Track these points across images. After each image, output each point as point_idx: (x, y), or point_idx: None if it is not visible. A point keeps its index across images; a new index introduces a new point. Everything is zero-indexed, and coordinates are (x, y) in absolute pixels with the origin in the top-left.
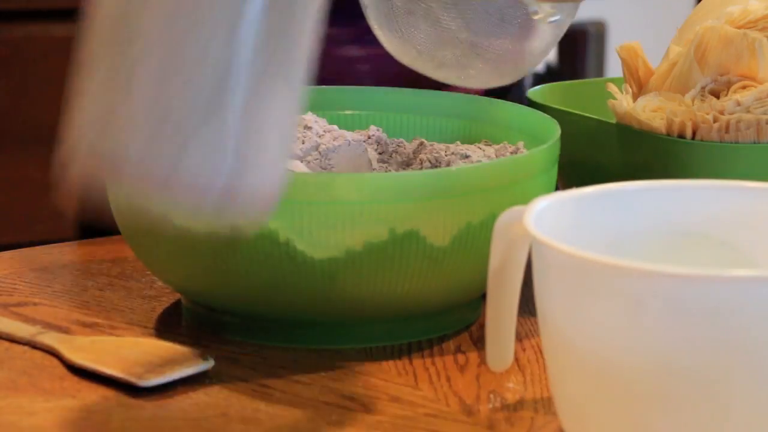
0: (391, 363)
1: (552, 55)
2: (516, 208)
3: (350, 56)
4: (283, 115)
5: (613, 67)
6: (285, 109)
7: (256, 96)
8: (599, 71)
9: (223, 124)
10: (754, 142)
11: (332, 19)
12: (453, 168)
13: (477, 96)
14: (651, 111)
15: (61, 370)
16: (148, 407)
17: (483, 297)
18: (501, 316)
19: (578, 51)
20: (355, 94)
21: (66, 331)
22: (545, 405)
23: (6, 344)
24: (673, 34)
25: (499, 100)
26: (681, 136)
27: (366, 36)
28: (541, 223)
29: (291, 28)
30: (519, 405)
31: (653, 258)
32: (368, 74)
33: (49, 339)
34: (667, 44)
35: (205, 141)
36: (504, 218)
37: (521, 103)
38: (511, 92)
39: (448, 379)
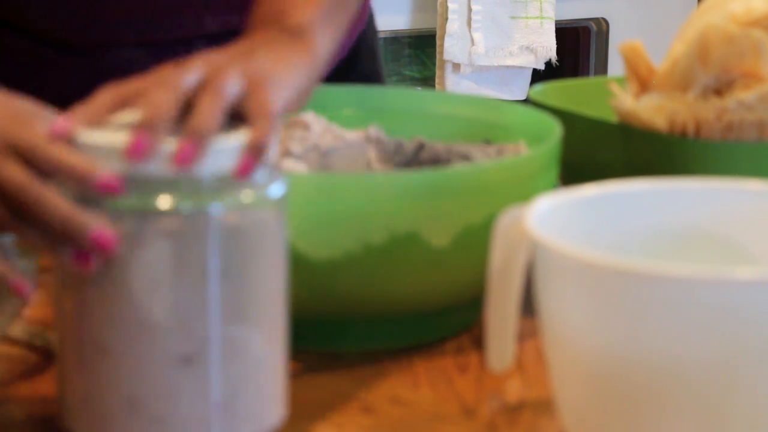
0: (391, 364)
1: (553, 53)
2: (516, 209)
3: None
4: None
5: (616, 65)
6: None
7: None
8: (601, 69)
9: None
10: (757, 141)
11: None
12: (453, 168)
13: (477, 96)
14: (653, 110)
15: None
16: None
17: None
18: (501, 316)
19: (580, 48)
20: (355, 94)
21: None
22: (546, 406)
23: None
24: (675, 31)
25: (500, 101)
26: (683, 135)
27: None
28: (542, 223)
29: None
30: (519, 406)
31: (654, 258)
32: None
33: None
34: (670, 42)
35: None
36: (504, 218)
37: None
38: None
39: (449, 380)
